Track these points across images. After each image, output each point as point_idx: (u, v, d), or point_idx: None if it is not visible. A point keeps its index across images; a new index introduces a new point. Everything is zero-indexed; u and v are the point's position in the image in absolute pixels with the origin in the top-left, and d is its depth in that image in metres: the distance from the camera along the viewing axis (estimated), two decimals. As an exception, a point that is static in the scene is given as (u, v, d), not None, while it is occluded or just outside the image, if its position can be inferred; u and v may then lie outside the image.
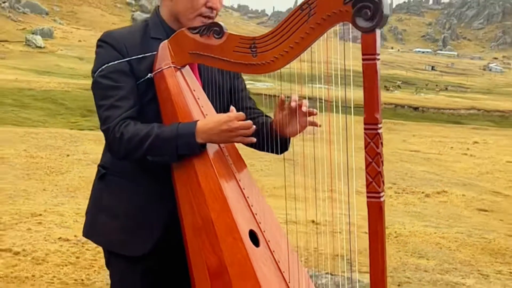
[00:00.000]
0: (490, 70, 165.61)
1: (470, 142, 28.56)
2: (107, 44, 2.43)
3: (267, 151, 2.50)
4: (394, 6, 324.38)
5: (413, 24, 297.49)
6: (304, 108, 2.36)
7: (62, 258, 6.18)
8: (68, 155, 13.60)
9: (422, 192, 14.31)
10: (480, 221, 12.44)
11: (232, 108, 2.36)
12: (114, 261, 2.56)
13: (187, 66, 2.44)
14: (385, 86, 74.93)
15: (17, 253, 6.24)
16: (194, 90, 2.41)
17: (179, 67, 2.40)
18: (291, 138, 2.53)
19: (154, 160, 2.35)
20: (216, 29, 2.30)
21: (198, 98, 2.41)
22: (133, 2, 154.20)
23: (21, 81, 42.77)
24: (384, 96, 54.55)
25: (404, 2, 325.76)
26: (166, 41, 2.41)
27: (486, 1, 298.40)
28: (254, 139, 2.33)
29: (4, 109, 32.08)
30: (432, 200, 13.76)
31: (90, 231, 2.64)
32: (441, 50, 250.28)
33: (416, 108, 52.03)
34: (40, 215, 8.10)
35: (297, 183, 2.54)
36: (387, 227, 9.68)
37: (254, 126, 2.31)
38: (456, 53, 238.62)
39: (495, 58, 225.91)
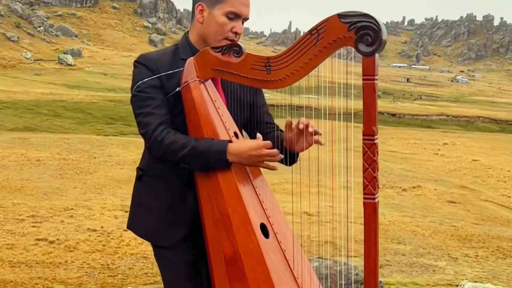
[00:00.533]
0: (457, 81, 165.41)
1: (441, 144, 28.60)
2: (142, 65, 2.46)
3: (280, 163, 2.51)
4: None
5: (390, 42, 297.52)
6: (310, 129, 2.37)
7: (90, 246, 6.18)
8: (95, 158, 13.61)
9: (400, 187, 14.32)
10: (450, 211, 12.43)
11: (259, 135, 2.36)
12: (157, 251, 2.58)
13: (210, 80, 2.44)
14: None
15: (52, 242, 6.23)
16: (215, 101, 2.42)
17: (203, 81, 2.41)
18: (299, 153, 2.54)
19: (185, 166, 2.37)
20: (236, 49, 2.32)
21: (219, 108, 2.42)
22: (150, 25, 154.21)
23: (55, 94, 42.80)
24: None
25: (383, 23, 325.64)
26: (192, 58, 2.42)
27: (453, 23, 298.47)
28: (277, 168, 2.36)
29: (40, 118, 32.08)
30: (408, 194, 13.77)
31: (131, 224, 2.65)
32: (415, 64, 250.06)
33: (393, 115, 52.01)
34: (72, 209, 8.11)
35: (291, 179, 2.54)
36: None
37: (281, 155, 2.33)
38: (428, 67, 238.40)
39: (462, 71, 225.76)
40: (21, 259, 5.62)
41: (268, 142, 2.31)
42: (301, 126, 2.37)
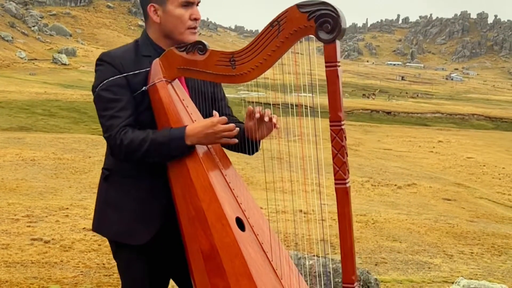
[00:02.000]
0: (451, 79, 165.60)
1: (435, 141, 28.66)
2: (106, 63, 2.45)
3: (242, 152, 2.54)
4: (368, 25, 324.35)
5: (385, 40, 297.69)
6: (266, 118, 2.40)
7: (86, 246, 6.17)
8: (90, 157, 13.58)
9: (395, 185, 14.34)
10: (445, 209, 12.46)
11: (215, 113, 2.39)
12: (120, 251, 2.56)
13: (177, 80, 2.46)
14: (363, 94, 74.98)
15: (47, 242, 6.22)
16: (183, 100, 2.44)
17: (169, 81, 2.43)
18: (261, 141, 2.56)
19: (150, 161, 2.38)
20: (200, 47, 2.34)
21: (187, 106, 2.44)
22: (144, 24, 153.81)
23: (49, 93, 42.69)
24: (361, 103, 54.63)
25: (377, 21, 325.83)
26: (158, 59, 2.43)
27: (447, 20, 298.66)
28: (236, 140, 2.38)
29: (35, 117, 32.00)
30: (403, 191, 13.79)
31: (98, 226, 2.63)
32: (409, 62, 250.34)
33: (388, 113, 52.07)
34: (67, 208, 8.09)
35: (285, 178, 2.54)
36: (365, 214, 9.69)
37: (237, 129, 2.34)
38: (422, 65, 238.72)
39: (456, 69, 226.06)
40: (16, 259, 5.60)
41: (223, 118, 2.34)
42: (257, 115, 2.39)
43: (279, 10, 2.09)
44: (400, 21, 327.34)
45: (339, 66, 2.00)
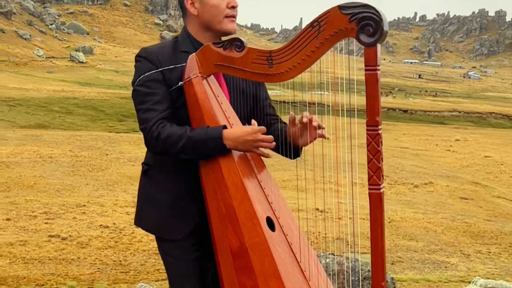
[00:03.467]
0: (469, 77, 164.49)
1: (453, 140, 28.46)
2: (143, 58, 2.47)
3: (282, 155, 2.52)
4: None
5: (402, 38, 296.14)
6: (314, 123, 2.38)
7: (103, 243, 6.20)
8: (107, 154, 13.65)
9: (412, 183, 14.26)
10: (462, 208, 12.38)
11: (254, 122, 2.37)
12: (162, 245, 2.58)
13: (212, 76, 2.45)
14: (380, 93, 74.38)
15: (64, 239, 6.26)
16: (218, 96, 2.42)
17: (205, 76, 2.41)
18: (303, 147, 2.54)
19: (185, 157, 2.38)
20: (237, 43, 2.31)
21: (222, 103, 2.42)
22: (161, 22, 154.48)
23: (67, 91, 43.01)
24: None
25: (394, 19, 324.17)
26: (194, 54, 2.42)
27: (465, 18, 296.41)
28: (270, 155, 2.37)
29: (53, 115, 32.26)
30: (420, 190, 13.70)
31: (138, 220, 2.66)
32: (426, 60, 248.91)
33: (405, 111, 51.83)
34: (84, 205, 8.14)
35: (302, 176, 2.54)
36: (382, 213, 9.61)
37: (274, 143, 2.33)
38: (439, 63, 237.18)
39: (474, 67, 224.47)
40: (34, 256, 5.65)
41: (263, 128, 2.32)
42: (304, 119, 2.38)
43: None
44: (417, 19, 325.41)
45: (378, 70, 1.97)
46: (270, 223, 2.32)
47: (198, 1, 2.48)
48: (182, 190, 2.49)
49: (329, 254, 4.62)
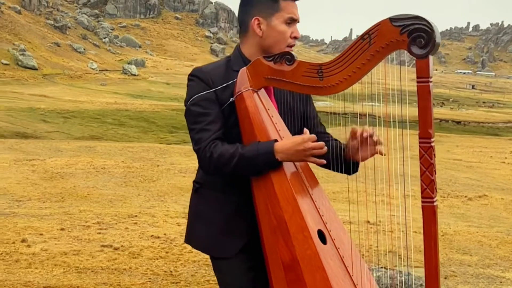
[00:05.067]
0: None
1: (508, 152, 27.76)
2: (196, 78, 2.49)
3: (339, 171, 2.50)
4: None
5: (454, 48, 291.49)
6: (375, 138, 2.36)
7: (154, 253, 6.26)
8: (158, 166, 13.81)
9: (465, 196, 13.95)
10: (517, 221, 12.05)
11: (305, 130, 2.37)
12: (215, 264, 2.60)
13: (263, 89, 2.46)
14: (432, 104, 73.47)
15: (116, 249, 6.35)
16: (268, 109, 2.43)
17: (256, 90, 2.43)
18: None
19: (239, 175, 2.39)
20: (288, 57, 2.33)
21: (272, 116, 2.43)
22: (212, 35, 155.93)
23: (119, 103, 43.80)
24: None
25: (447, 29, 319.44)
26: (245, 67, 2.44)
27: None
28: (325, 161, 2.35)
29: (106, 127, 32.88)
30: (474, 203, 13.39)
31: (189, 238, 2.68)
32: (480, 71, 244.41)
33: (458, 122, 50.94)
34: (136, 216, 8.24)
35: (352, 188, 2.51)
36: (434, 227, 9.44)
37: (326, 148, 2.32)
38: (493, 73, 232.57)
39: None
40: (87, 265, 5.75)
41: (313, 136, 2.31)
42: (365, 134, 2.36)
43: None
44: (470, 29, 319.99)
45: (431, 82, 1.96)
46: (322, 236, 2.31)
47: (265, 23, 2.48)
48: (233, 208, 2.50)
49: (381, 267, 4.56)
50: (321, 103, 2.65)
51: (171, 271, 5.71)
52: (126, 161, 14.18)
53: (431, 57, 1.95)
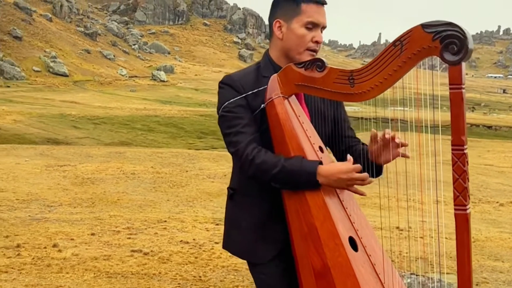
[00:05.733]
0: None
1: (540, 157, 27.30)
2: (227, 85, 2.50)
3: None
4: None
5: (485, 52, 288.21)
6: (397, 140, 2.35)
7: (183, 258, 6.28)
8: (187, 171, 13.86)
9: (497, 202, 13.75)
10: (551, 227, 11.84)
11: (349, 158, 2.35)
12: (252, 269, 2.61)
13: (293, 96, 2.46)
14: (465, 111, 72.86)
15: (146, 254, 6.39)
16: (299, 116, 2.43)
17: (286, 97, 2.43)
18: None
19: (275, 186, 2.39)
20: (318, 64, 2.33)
21: (303, 123, 2.43)
22: (240, 41, 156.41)
23: (149, 109, 44.13)
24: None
25: (477, 33, 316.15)
26: (276, 74, 2.44)
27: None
28: (366, 193, 2.35)
29: (135, 133, 33.16)
30: (506, 209, 13.18)
31: (225, 243, 2.70)
32: (511, 75, 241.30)
33: (489, 127, 50.30)
34: (165, 221, 8.28)
35: (381, 193, 2.50)
36: (465, 233, 9.33)
37: (370, 179, 2.31)
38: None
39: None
40: (117, 270, 5.79)
41: (359, 166, 2.29)
42: (386, 136, 2.34)
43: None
44: (501, 32, 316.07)
45: (463, 88, 1.94)
46: (353, 243, 2.30)
47: (285, 26, 2.49)
48: (267, 214, 2.50)
49: (411, 273, 4.52)
50: (350, 108, 2.64)
51: (200, 277, 5.73)
52: (155, 167, 14.27)
53: (463, 64, 1.94)
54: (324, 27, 2.50)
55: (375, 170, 2.46)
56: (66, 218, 8.22)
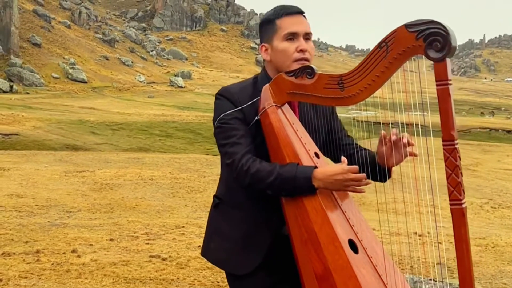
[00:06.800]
0: None
1: (561, 161, 27.01)
2: (224, 97, 2.53)
3: (373, 179, 2.50)
4: (486, 41, 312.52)
5: (504, 56, 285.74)
6: (404, 140, 2.35)
7: (201, 264, 6.30)
8: (204, 177, 13.91)
9: (517, 207, 13.61)
10: None
11: (344, 159, 2.36)
12: (229, 279, 2.62)
13: (286, 104, 2.51)
14: (481, 112, 72.48)
15: (164, 259, 6.41)
16: (293, 124, 2.48)
17: (279, 106, 2.47)
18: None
19: (271, 194, 2.41)
20: (308, 71, 2.37)
21: (297, 130, 2.48)
22: (257, 46, 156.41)
23: (166, 115, 44.30)
24: (479, 121, 52.63)
25: (496, 37, 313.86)
26: (267, 84, 2.49)
27: None
28: (364, 191, 2.35)
29: (153, 138, 33.29)
30: (526, 214, 13.04)
31: (205, 251, 2.71)
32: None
33: (509, 131, 49.84)
34: (183, 227, 8.31)
35: (397, 198, 2.50)
36: (484, 238, 9.28)
37: (367, 180, 2.32)
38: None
39: None
40: (135, 275, 5.82)
41: (355, 167, 2.30)
42: (393, 137, 2.36)
43: (391, 28, 2.09)
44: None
45: (450, 84, 1.99)
46: (353, 245, 2.32)
47: (270, 47, 2.54)
48: (252, 225, 2.52)
49: (430, 279, 4.50)
50: (366, 113, 2.65)
51: (218, 282, 5.74)
52: (173, 172, 14.32)
53: (448, 60, 1.98)
54: (307, 34, 2.52)
55: (384, 173, 2.47)
56: (85, 224, 8.28)
